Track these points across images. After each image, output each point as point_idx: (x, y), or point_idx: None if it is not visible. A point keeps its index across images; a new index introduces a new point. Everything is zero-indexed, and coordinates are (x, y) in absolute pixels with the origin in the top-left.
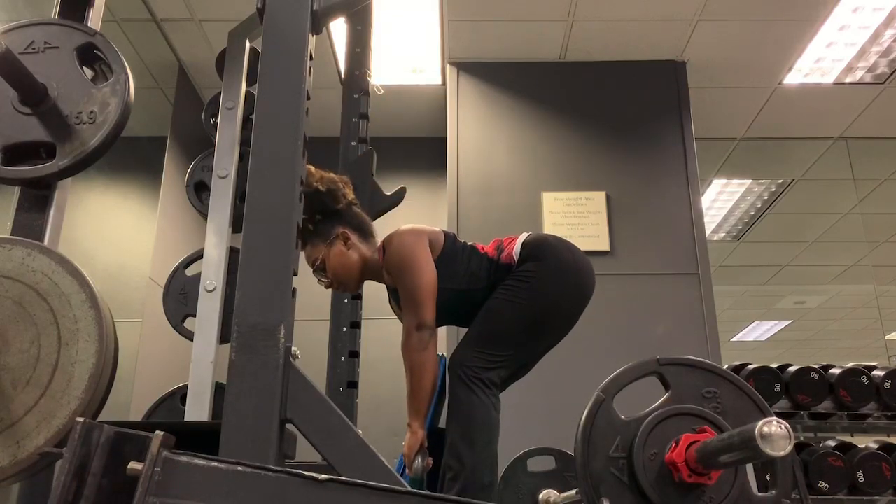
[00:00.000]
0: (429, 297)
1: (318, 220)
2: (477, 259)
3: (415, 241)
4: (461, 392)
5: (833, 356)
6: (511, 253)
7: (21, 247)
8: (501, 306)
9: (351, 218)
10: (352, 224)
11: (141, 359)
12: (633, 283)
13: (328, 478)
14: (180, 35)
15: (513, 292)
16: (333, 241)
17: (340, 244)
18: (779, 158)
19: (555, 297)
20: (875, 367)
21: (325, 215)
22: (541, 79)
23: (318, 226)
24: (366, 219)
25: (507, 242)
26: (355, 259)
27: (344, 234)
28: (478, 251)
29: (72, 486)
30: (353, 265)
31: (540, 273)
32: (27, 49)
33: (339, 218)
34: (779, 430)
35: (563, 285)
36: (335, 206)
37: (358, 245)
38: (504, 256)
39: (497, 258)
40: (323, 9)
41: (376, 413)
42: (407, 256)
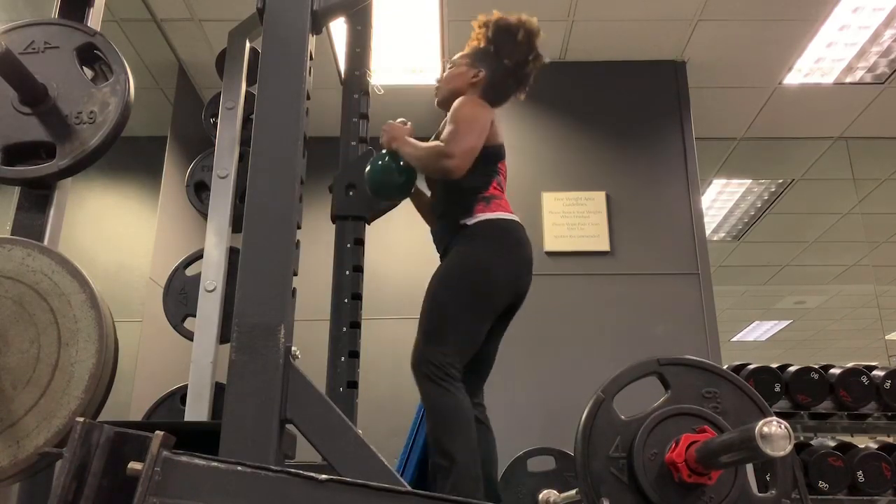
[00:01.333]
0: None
1: (488, 48)
2: (480, 181)
3: (488, 116)
4: (432, 391)
5: (833, 356)
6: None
7: (21, 247)
8: (438, 293)
9: (500, 76)
10: (492, 79)
11: (141, 359)
12: (633, 283)
13: (328, 478)
14: (180, 35)
15: (448, 273)
16: (472, 66)
17: (471, 73)
18: (779, 158)
19: (488, 273)
20: (875, 367)
21: (494, 51)
22: (541, 79)
23: (484, 51)
24: (506, 94)
25: (496, 203)
26: (461, 89)
27: (480, 73)
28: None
29: (72, 486)
30: (456, 90)
31: (475, 250)
32: (27, 49)
33: (497, 67)
34: (779, 430)
35: (495, 260)
36: (504, 56)
37: (474, 90)
38: (476, 209)
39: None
40: (323, 9)
41: (376, 413)
42: (470, 116)
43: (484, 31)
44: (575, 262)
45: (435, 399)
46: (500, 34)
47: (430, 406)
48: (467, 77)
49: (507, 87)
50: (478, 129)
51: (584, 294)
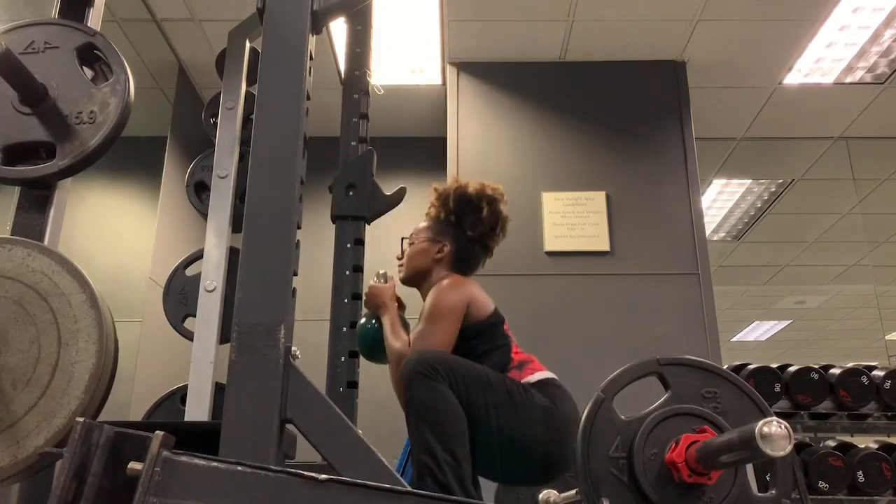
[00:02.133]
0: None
1: (449, 220)
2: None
3: (459, 299)
4: (417, 387)
5: (833, 356)
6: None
7: (21, 247)
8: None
9: (464, 247)
10: (459, 251)
11: (141, 359)
12: (633, 283)
13: (328, 478)
14: (180, 35)
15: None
16: (435, 241)
17: (435, 248)
18: (779, 158)
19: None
20: (875, 367)
21: (456, 222)
22: (541, 79)
23: (445, 223)
24: (475, 264)
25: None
26: (427, 267)
27: (444, 246)
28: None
29: (72, 486)
30: (421, 269)
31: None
32: (27, 49)
33: (460, 238)
34: (779, 430)
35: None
36: (468, 228)
37: (442, 265)
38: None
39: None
40: (323, 9)
41: (376, 413)
42: (442, 304)
43: (441, 202)
44: (575, 262)
45: (419, 394)
46: (461, 206)
47: (413, 401)
48: (431, 253)
49: (475, 256)
50: (448, 321)
51: (584, 294)
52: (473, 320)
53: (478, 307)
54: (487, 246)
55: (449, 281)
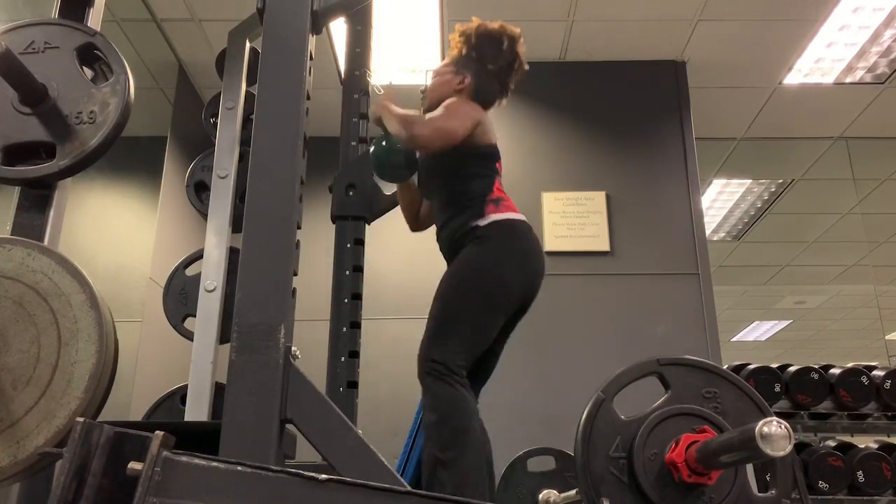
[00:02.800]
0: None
1: (471, 56)
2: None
3: (474, 112)
4: (436, 387)
5: (833, 356)
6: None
7: (21, 247)
8: (450, 294)
9: (485, 82)
10: (479, 84)
11: (141, 359)
12: (633, 283)
13: (328, 478)
14: (180, 35)
15: (459, 272)
16: (457, 73)
17: (457, 80)
18: (779, 158)
19: (501, 274)
20: (875, 367)
21: (478, 57)
22: (541, 79)
23: (467, 58)
24: (493, 98)
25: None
26: (447, 97)
27: (466, 78)
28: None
29: (72, 486)
30: (442, 97)
31: (488, 251)
32: (27, 49)
33: (480, 71)
34: (779, 430)
35: (509, 264)
36: (488, 62)
37: (465, 96)
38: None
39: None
40: (323, 9)
41: (376, 413)
42: (461, 108)
43: (464, 39)
44: (575, 262)
45: (438, 395)
46: (483, 41)
47: (434, 403)
48: (453, 84)
49: (492, 91)
50: (461, 117)
51: (584, 294)
52: (477, 142)
53: (485, 131)
54: (505, 83)
55: (467, 99)
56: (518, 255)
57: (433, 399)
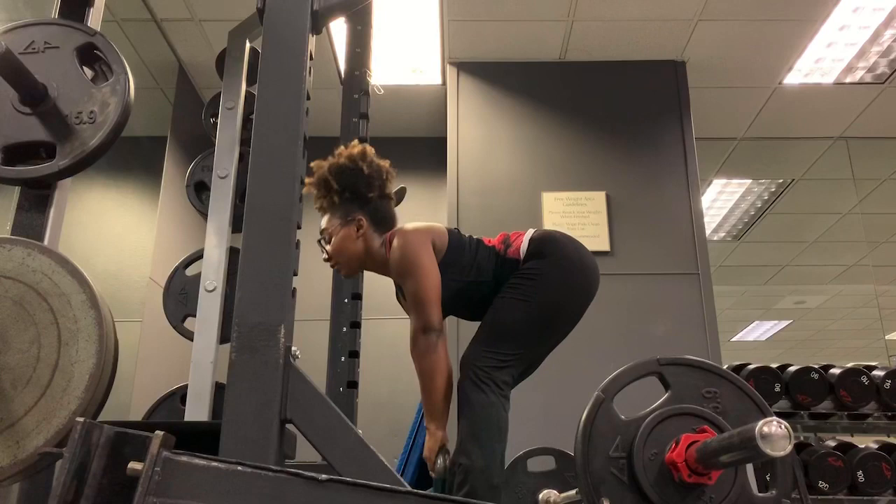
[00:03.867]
0: (433, 300)
1: (345, 197)
2: (484, 251)
3: (418, 242)
4: (472, 392)
5: (833, 356)
6: (518, 248)
7: (21, 247)
8: (509, 304)
9: (375, 209)
10: (374, 215)
11: (141, 359)
12: (633, 283)
13: (328, 478)
14: (180, 35)
15: (520, 290)
16: (348, 223)
17: (353, 228)
18: (779, 158)
19: (561, 294)
20: (875, 367)
21: (353, 196)
22: (541, 79)
23: (343, 202)
24: (391, 214)
25: (514, 238)
26: (360, 248)
27: (360, 221)
28: (484, 244)
29: (72, 486)
30: (356, 253)
31: (545, 270)
32: (27, 49)
33: (364, 204)
34: (779, 430)
35: (569, 283)
36: (366, 192)
37: (370, 236)
38: (511, 251)
39: (503, 252)
40: (323, 9)
41: (376, 413)
42: (410, 259)
43: (324, 186)
44: None
45: (473, 401)
46: (344, 179)
47: (467, 407)
48: (352, 234)
49: (388, 211)
50: (424, 268)
51: None
52: (442, 250)
53: (437, 237)
54: (389, 196)
55: (399, 238)
56: (577, 265)
57: (467, 406)
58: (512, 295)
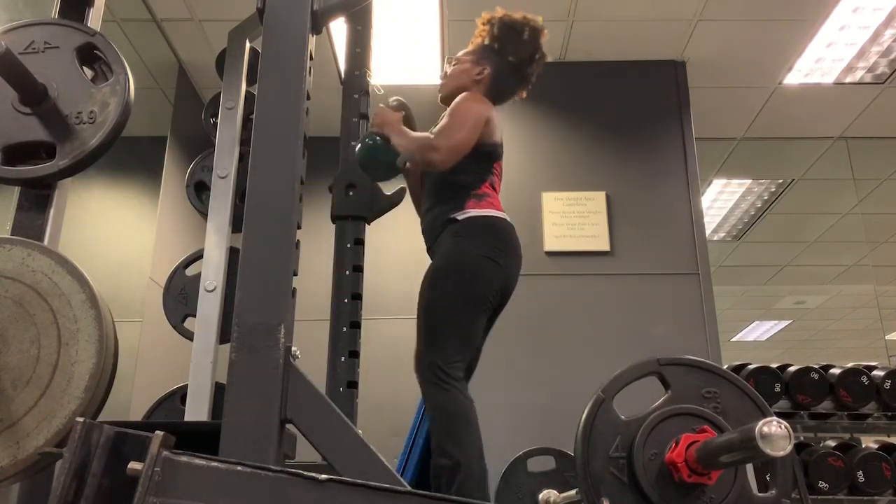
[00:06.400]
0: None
1: (493, 47)
2: (473, 178)
3: (480, 112)
4: (436, 394)
5: (833, 356)
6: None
7: (21, 247)
8: (431, 296)
9: (503, 74)
10: (497, 77)
11: (141, 359)
12: (633, 283)
13: (328, 478)
14: (180, 35)
15: (439, 272)
16: (476, 64)
17: (475, 71)
18: (779, 158)
19: (477, 272)
20: (875, 367)
21: (499, 49)
22: (541, 79)
23: (488, 49)
24: (509, 90)
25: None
26: (465, 86)
27: (484, 70)
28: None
29: (72, 486)
30: (460, 87)
31: (464, 248)
32: (27, 49)
33: (500, 63)
34: (779, 430)
35: (485, 260)
36: (509, 54)
37: (479, 87)
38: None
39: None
40: (323, 9)
41: (376, 413)
42: (463, 114)
43: (488, 29)
44: (575, 262)
45: (439, 401)
46: (505, 32)
47: (434, 408)
48: (472, 74)
49: (510, 85)
50: (470, 124)
51: (584, 294)
52: (482, 139)
53: (491, 129)
54: (525, 75)
55: (477, 95)
56: (494, 253)
57: (432, 406)
58: (433, 284)
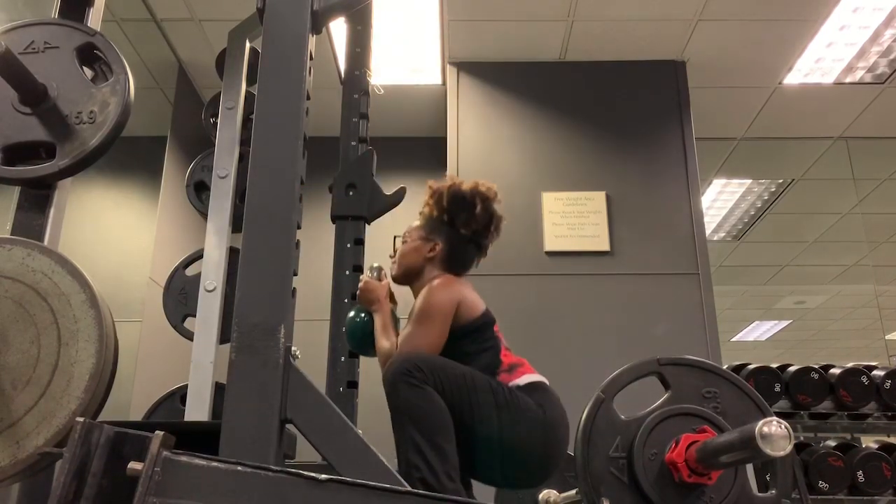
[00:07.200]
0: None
1: (442, 219)
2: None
3: (448, 300)
4: (405, 387)
5: (833, 356)
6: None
7: (21, 247)
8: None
9: (457, 248)
10: (450, 251)
11: (141, 359)
12: (633, 283)
13: (328, 478)
14: (180, 35)
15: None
16: (427, 240)
17: (427, 248)
18: (779, 158)
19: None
20: (875, 367)
21: (449, 222)
22: (541, 79)
23: (437, 222)
24: (466, 263)
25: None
26: (419, 266)
27: (436, 246)
28: (498, 354)
29: (72, 486)
30: (414, 267)
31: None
32: (27, 49)
33: (452, 236)
34: (779, 430)
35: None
36: (461, 227)
37: (433, 264)
38: (503, 377)
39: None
40: (323, 9)
41: (376, 413)
42: (430, 310)
43: (435, 201)
44: (575, 262)
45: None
46: (454, 204)
47: (404, 406)
48: (423, 252)
49: (468, 255)
50: (437, 325)
51: (584, 294)
52: (463, 321)
53: (468, 307)
54: (481, 245)
55: (439, 281)
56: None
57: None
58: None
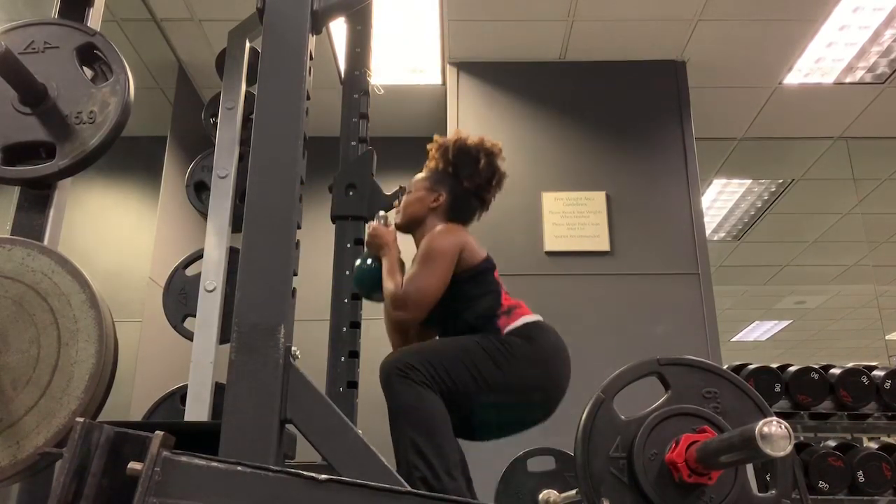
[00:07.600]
0: (425, 294)
1: (447, 171)
2: (490, 301)
3: (452, 244)
4: (401, 388)
5: (833, 356)
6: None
7: (21, 247)
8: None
9: (460, 199)
10: (453, 202)
11: (141, 359)
12: (633, 283)
13: (328, 478)
14: (180, 35)
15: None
16: (431, 191)
17: (431, 198)
18: (779, 158)
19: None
20: (875, 367)
21: (453, 173)
22: (541, 79)
23: (442, 174)
24: (468, 213)
25: (517, 311)
26: (422, 215)
27: (440, 196)
28: (498, 297)
29: (72, 486)
30: (417, 217)
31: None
32: (27, 49)
33: (457, 189)
34: (779, 430)
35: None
36: (465, 178)
37: (437, 214)
38: (501, 321)
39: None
40: (323, 9)
41: (376, 413)
42: (434, 253)
43: (441, 153)
44: (575, 262)
45: (404, 396)
46: (459, 157)
47: (403, 406)
48: (427, 202)
49: (470, 209)
50: (441, 267)
51: (584, 294)
52: (466, 266)
53: (470, 253)
54: (483, 198)
55: (444, 227)
56: (539, 364)
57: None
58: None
